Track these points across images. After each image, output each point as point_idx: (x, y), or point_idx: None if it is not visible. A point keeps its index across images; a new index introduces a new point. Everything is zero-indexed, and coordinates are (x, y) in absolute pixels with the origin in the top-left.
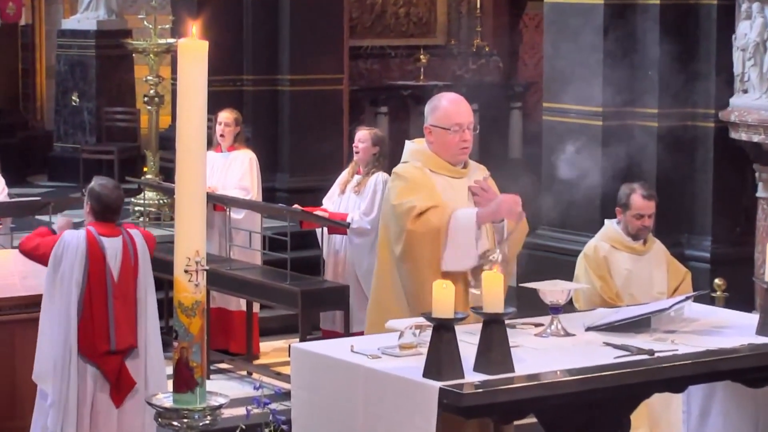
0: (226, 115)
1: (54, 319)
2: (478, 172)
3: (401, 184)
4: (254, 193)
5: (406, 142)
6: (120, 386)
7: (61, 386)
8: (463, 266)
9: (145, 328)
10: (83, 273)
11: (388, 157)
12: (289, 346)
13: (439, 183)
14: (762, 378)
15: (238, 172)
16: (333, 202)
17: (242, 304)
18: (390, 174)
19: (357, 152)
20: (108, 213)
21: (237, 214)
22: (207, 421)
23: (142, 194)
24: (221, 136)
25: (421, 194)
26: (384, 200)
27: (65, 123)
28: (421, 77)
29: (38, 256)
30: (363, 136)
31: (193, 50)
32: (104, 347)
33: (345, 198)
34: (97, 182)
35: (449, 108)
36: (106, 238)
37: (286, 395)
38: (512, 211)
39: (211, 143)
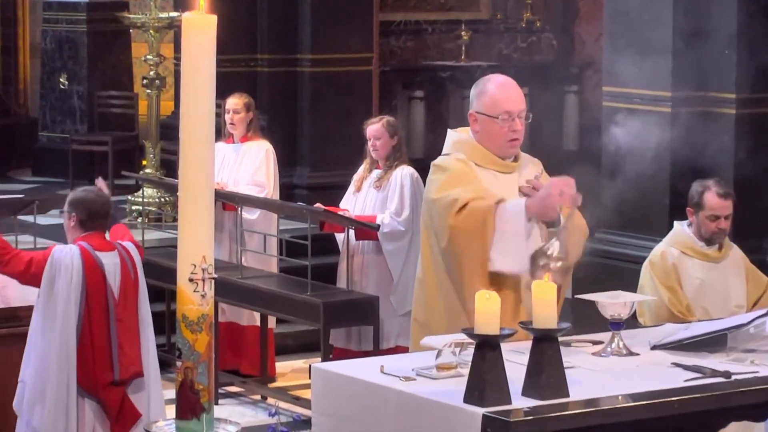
0: (234, 101)
1: (48, 348)
2: (531, 167)
3: (442, 177)
4: (270, 190)
5: (449, 131)
6: (122, 420)
7: (55, 424)
8: (513, 266)
9: (149, 352)
10: (80, 294)
11: (406, 144)
12: (310, 366)
13: (485, 178)
14: None
15: (251, 165)
16: (348, 202)
17: (256, 318)
18: (411, 166)
19: (375, 150)
20: (98, 219)
21: (250, 215)
22: None
23: (141, 191)
24: (231, 124)
25: (465, 186)
26: (423, 198)
27: (52, 109)
28: (463, 57)
29: (30, 276)
30: (376, 131)
31: (200, 25)
32: (107, 377)
33: (362, 195)
34: (75, 192)
35: (498, 93)
36: (102, 254)
37: (305, 423)
38: (564, 194)
39: (220, 133)
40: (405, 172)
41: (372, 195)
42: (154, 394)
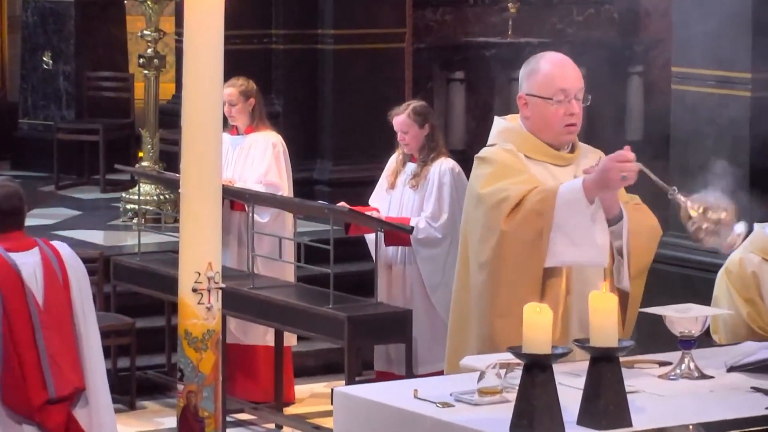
0: (228, 92)
1: None
2: (591, 158)
3: (487, 170)
4: (286, 191)
5: (495, 119)
6: None
7: None
8: (582, 256)
9: (91, 365)
10: None
11: (442, 132)
12: (332, 390)
13: (537, 173)
14: None
15: (258, 162)
16: (381, 200)
17: (269, 335)
18: (452, 158)
19: (406, 144)
20: (9, 217)
21: (260, 217)
22: None
23: (137, 188)
24: (230, 116)
25: (516, 179)
26: (466, 195)
27: (34, 92)
28: (509, 32)
29: None
30: (402, 123)
31: None
32: (42, 396)
33: (397, 195)
34: None
35: (552, 71)
36: (16, 254)
37: None
38: (627, 178)
39: (226, 123)
40: (444, 168)
41: (408, 195)
42: (105, 422)
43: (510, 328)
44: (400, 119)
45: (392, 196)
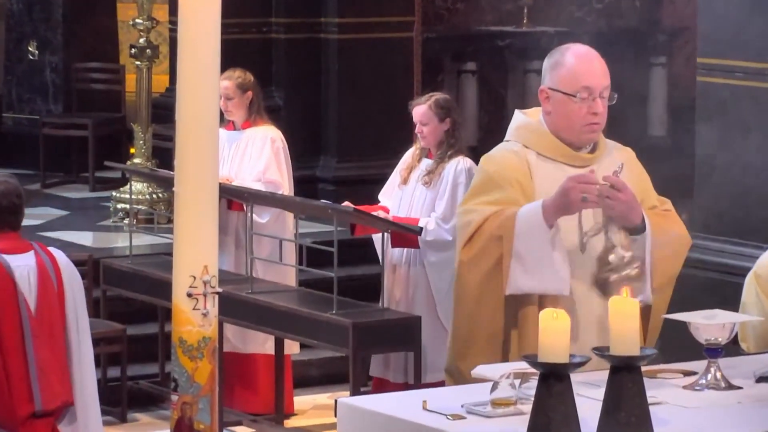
0: (224, 84)
1: None
2: (616, 156)
3: (476, 179)
4: (287, 190)
5: (516, 112)
6: None
7: None
8: (537, 286)
9: (81, 379)
10: None
11: (464, 127)
12: (336, 401)
13: (548, 173)
14: None
15: (255, 159)
16: (392, 196)
17: (269, 342)
18: (470, 157)
19: (423, 137)
20: (6, 216)
21: (259, 218)
22: None
23: (128, 186)
24: (227, 111)
25: (490, 196)
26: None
27: (19, 85)
28: (525, 21)
29: None
30: (422, 114)
31: None
32: (27, 408)
33: (409, 191)
34: None
35: (577, 66)
36: (11, 256)
37: None
38: (588, 200)
39: (222, 117)
40: (460, 167)
41: (421, 192)
42: (92, 428)
43: (470, 368)
44: (421, 110)
45: (404, 191)
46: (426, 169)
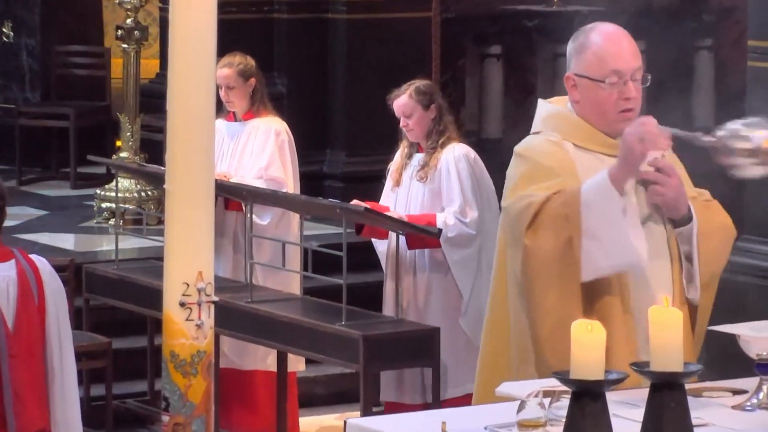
0: (224, 73)
1: None
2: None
3: (522, 169)
4: (291, 188)
5: (539, 102)
6: None
7: None
8: (619, 264)
9: (63, 403)
10: None
11: (458, 114)
12: (345, 422)
13: (588, 164)
14: None
15: (257, 154)
16: (387, 199)
17: (270, 358)
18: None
19: (410, 131)
20: None
21: (260, 219)
22: None
23: (114, 183)
24: (228, 102)
25: (545, 183)
26: (504, 195)
27: None
28: (555, 0)
29: None
30: (404, 104)
31: None
32: None
33: (404, 191)
34: None
35: (603, 48)
36: None
37: None
38: (645, 140)
39: (220, 107)
40: (458, 153)
41: (417, 189)
42: None
43: (553, 348)
44: (402, 101)
45: (397, 194)
46: (419, 163)
